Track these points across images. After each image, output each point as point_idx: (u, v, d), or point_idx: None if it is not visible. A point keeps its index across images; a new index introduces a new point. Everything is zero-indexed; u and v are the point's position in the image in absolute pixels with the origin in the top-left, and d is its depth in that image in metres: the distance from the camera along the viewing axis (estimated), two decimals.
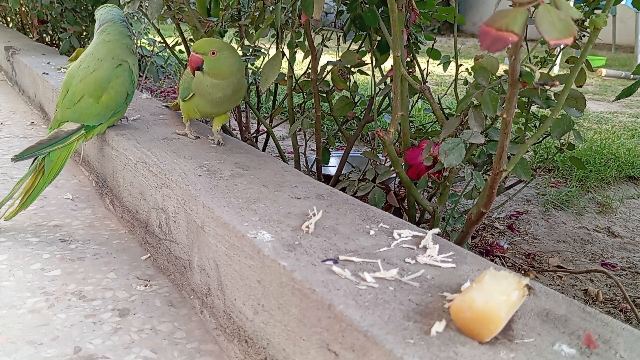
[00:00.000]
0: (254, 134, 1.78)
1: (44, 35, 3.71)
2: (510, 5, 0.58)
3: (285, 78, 1.43)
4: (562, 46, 1.20)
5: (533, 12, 0.57)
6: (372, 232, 0.82)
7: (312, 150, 1.93)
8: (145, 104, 1.75)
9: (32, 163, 1.31)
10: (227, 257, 0.87)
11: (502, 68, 0.94)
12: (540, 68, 1.28)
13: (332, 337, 0.64)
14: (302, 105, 1.54)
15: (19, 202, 1.30)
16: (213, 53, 1.18)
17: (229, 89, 1.23)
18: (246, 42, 1.59)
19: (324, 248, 0.77)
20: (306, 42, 1.35)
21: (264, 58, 1.63)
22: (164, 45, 1.97)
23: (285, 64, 1.40)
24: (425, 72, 1.44)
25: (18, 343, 0.92)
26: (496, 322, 0.56)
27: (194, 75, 1.22)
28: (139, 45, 2.78)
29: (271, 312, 0.77)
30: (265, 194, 0.97)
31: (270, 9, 1.35)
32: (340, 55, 1.35)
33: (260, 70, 1.68)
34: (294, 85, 1.46)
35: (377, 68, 1.37)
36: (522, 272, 1.31)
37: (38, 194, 1.30)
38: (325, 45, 1.45)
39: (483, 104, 0.93)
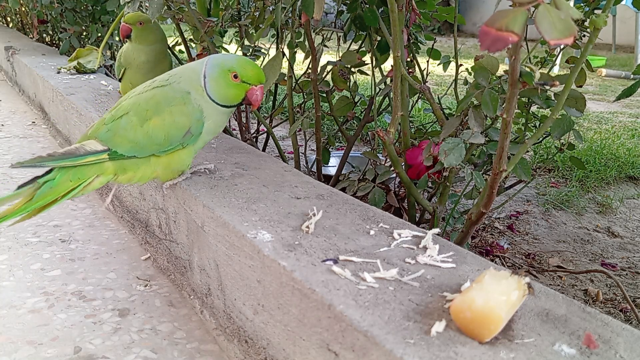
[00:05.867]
0: (254, 134, 1.78)
1: (44, 35, 3.71)
2: (510, 5, 0.58)
3: (285, 78, 1.43)
4: (562, 46, 1.20)
5: (533, 12, 0.57)
6: (372, 232, 0.82)
7: (312, 150, 1.93)
8: None
9: (31, 182, 0.96)
10: (227, 257, 0.87)
11: (502, 68, 0.94)
12: (540, 68, 1.29)
13: (332, 337, 0.64)
14: (302, 105, 1.54)
15: None
16: (140, 23, 1.41)
17: (152, 54, 1.45)
18: (246, 42, 1.59)
19: (324, 248, 0.77)
20: (306, 42, 1.35)
21: (264, 58, 1.63)
22: None
23: (285, 64, 1.40)
24: (425, 72, 1.44)
25: (18, 343, 0.92)
26: (496, 322, 0.56)
27: (124, 41, 1.40)
28: None
29: (271, 312, 0.77)
30: (265, 194, 0.97)
31: (270, 9, 1.35)
32: (340, 55, 1.35)
33: None
34: (294, 85, 1.46)
35: (377, 68, 1.37)
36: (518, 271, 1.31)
37: (11, 218, 0.94)
38: (325, 45, 1.45)
39: (483, 104, 0.93)
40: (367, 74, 1.41)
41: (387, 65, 1.28)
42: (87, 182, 0.96)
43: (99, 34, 2.77)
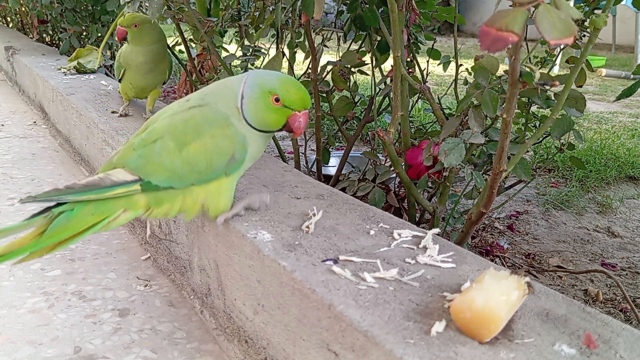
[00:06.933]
0: None
1: (44, 35, 3.71)
2: (510, 5, 0.58)
3: None
4: (562, 46, 1.20)
5: (533, 12, 0.57)
6: (372, 232, 0.82)
7: (312, 150, 1.93)
8: (143, 103, 1.75)
9: (44, 212, 0.81)
10: (227, 257, 0.87)
11: (502, 68, 0.94)
12: (540, 68, 1.28)
13: (332, 337, 0.64)
14: None
15: None
16: (135, 25, 1.40)
17: (150, 55, 1.45)
18: (246, 42, 1.59)
19: (324, 248, 0.77)
20: (306, 42, 1.35)
21: (264, 58, 1.63)
22: None
23: (285, 64, 1.40)
24: (425, 72, 1.44)
25: (18, 343, 0.92)
26: (496, 322, 0.56)
27: (121, 44, 1.41)
28: None
29: (271, 312, 0.77)
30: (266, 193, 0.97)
31: (270, 9, 1.35)
32: (340, 55, 1.35)
33: None
34: None
35: (377, 68, 1.37)
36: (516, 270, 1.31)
37: (15, 256, 0.80)
38: (326, 45, 1.45)
39: (483, 104, 0.93)
40: (367, 74, 1.41)
41: (387, 65, 1.28)
42: (112, 218, 0.82)
43: (99, 34, 2.77)
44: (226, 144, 0.81)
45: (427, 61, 1.45)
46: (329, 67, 1.37)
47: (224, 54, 1.92)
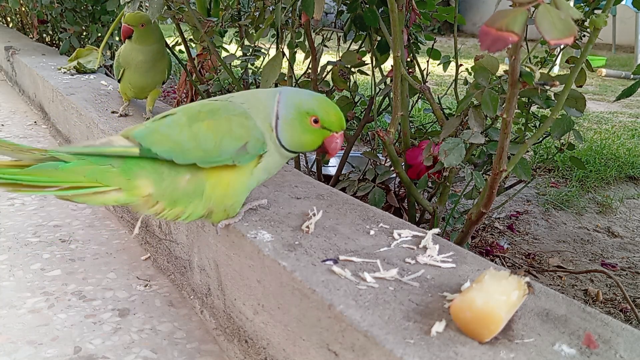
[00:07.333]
0: None
1: (44, 35, 3.71)
2: (510, 5, 0.58)
3: (285, 78, 1.43)
4: (562, 46, 1.20)
5: (533, 12, 0.57)
6: (372, 232, 0.82)
7: None
8: (143, 103, 1.75)
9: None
10: (227, 257, 0.87)
11: (502, 68, 0.94)
12: (540, 68, 1.28)
13: (332, 337, 0.64)
14: None
15: None
16: (142, 25, 1.41)
17: (150, 54, 1.46)
18: (246, 42, 1.59)
19: (324, 248, 0.77)
20: (306, 42, 1.35)
21: (264, 58, 1.63)
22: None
23: (285, 64, 1.40)
24: (425, 72, 1.44)
25: (18, 343, 0.92)
26: (496, 322, 0.56)
27: (124, 41, 1.45)
28: None
29: (271, 312, 0.77)
30: (265, 194, 0.97)
31: (270, 9, 1.35)
32: (340, 55, 1.35)
33: (261, 70, 1.68)
34: (294, 85, 1.45)
35: (377, 68, 1.37)
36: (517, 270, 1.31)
37: None
38: (326, 45, 1.45)
39: (483, 104, 0.93)
40: (367, 74, 1.41)
41: (387, 65, 1.27)
42: (101, 190, 0.77)
43: (99, 34, 2.77)
44: (241, 131, 0.78)
45: (427, 61, 1.45)
46: (329, 67, 1.37)
47: (224, 54, 1.93)
